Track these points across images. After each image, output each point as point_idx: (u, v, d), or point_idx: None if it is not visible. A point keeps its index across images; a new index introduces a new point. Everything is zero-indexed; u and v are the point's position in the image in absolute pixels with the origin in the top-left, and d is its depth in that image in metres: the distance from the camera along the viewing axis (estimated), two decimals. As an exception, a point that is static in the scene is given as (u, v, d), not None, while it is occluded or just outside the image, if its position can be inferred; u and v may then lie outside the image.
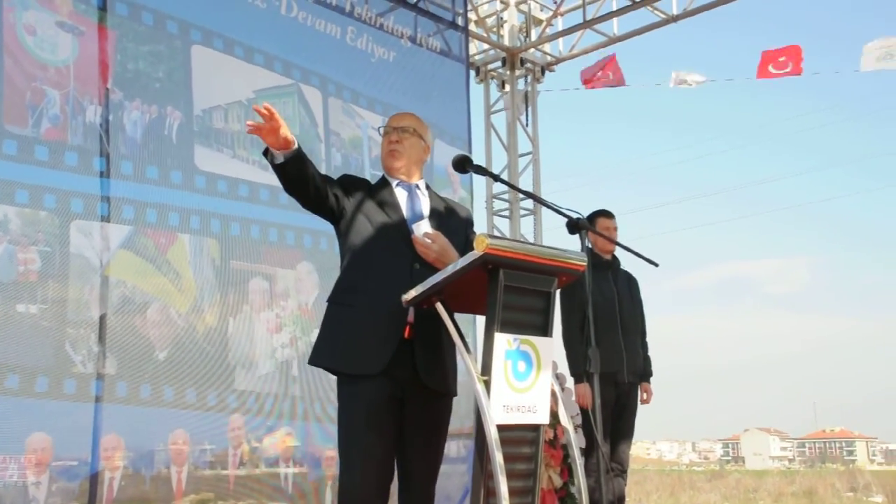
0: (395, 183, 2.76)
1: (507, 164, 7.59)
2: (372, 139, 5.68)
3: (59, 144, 4.10)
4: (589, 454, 4.53)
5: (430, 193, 2.81)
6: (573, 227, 2.78)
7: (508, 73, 7.64)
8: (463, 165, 2.80)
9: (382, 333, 2.50)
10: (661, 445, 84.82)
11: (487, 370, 2.25)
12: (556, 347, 2.76)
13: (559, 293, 2.55)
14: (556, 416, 2.72)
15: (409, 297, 2.38)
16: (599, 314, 4.21)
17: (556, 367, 4.55)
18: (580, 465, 2.65)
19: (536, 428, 2.42)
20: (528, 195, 3.68)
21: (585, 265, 2.52)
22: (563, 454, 5.54)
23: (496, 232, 7.34)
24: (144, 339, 4.29)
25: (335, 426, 2.57)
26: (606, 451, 4.47)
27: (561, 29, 7.63)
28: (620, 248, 3.22)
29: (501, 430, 2.21)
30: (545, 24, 7.62)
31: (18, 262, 3.89)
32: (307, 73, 5.44)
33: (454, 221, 2.78)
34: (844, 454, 73.15)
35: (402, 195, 2.73)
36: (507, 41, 7.59)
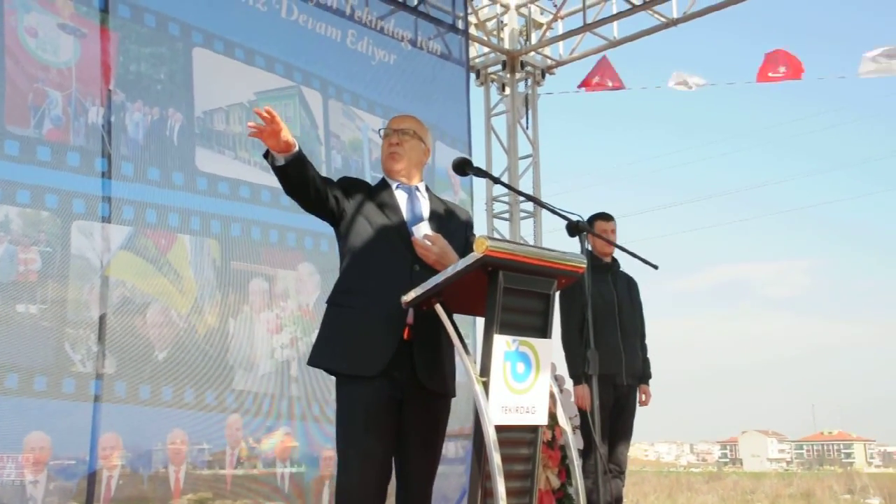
0: (395, 185, 2.76)
1: (507, 166, 7.60)
2: (372, 141, 5.69)
3: (60, 145, 4.11)
4: (587, 455, 4.54)
5: (430, 196, 2.81)
6: (573, 229, 2.78)
7: (509, 76, 7.65)
8: (463, 168, 2.80)
9: (382, 335, 2.51)
10: (659, 447, 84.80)
11: (486, 371, 2.26)
12: (555, 349, 2.77)
13: (559, 295, 2.56)
14: (554, 417, 2.73)
15: (408, 298, 2.38)
16: (599, 316, 4.21)
17: (554, 368, 4.57)
18: (578, 466, 2.66)
19: (535, 429, 2.42)
20: (528, 197, 3.68)
21: (585, 267, 2.53)
22: (561, 455, 5.55)
23: (496, 234, 7.35)
24: (144, 339, 4.30)
25: (333, 426, 2.58)
26: (604, 452, 4.48)
27: (561, 32, 7.65)
28: (620, 250, 3.23)
29: (500, 430, 2.21)
30: (545, 27, 7.64)
31: (19, 262, 3.90)
32: (308, 75, 5.45)
33: (454, 224, 2.78)
34: (842, 456, 73.16)
35: (402, 197, 2.73)
36: (507, 44, 7.60)
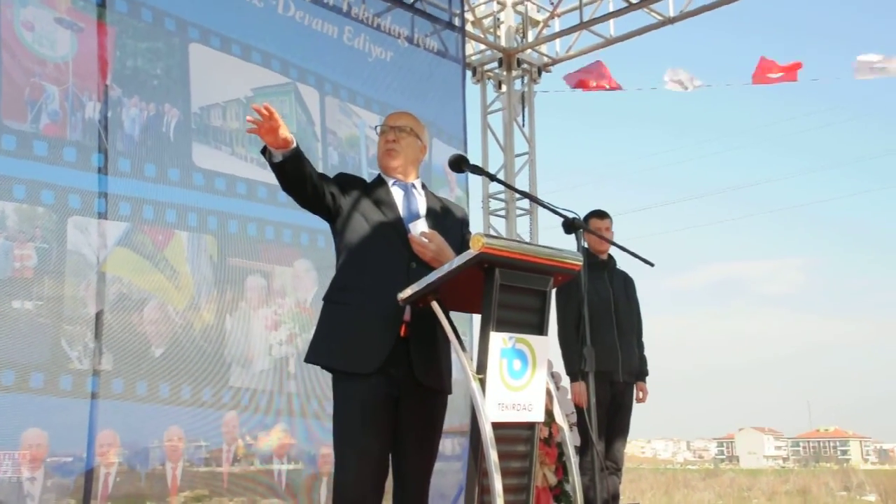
0: (391, 182, 2.76)
1: (503, 163, 7.59)
2: (369, 138, 5.68)
3: (57, 140, 4.10)
4: (584, 452, 4.54)
5: (426, 193, 2.81)
6: (569, 226, 2.79)
7: (505, 73, 7.65)
8: (459, 165, 2.79)
9: (378, 332, 2.51)
10: (655, 444, 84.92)
11: (483, 368, 2.26)
12: (551, 346, 2.78)
13: (555, 292, 2.56)
14: (551, 414, 2.74)
15: (405, 295, 2.38)
16: (595, 313, 4.21)
17: (551, 365, 4.57)
18: (575, 463, 2.67)
19: (531, 426, 2.42)
20: (524, 195, 3.69)
21: (581, 265, 2.53)
22: (557, 452, 5.56)
23: (492, 231, 7.35)
24: (141, 335, 4.29)
25: (330, 423, 2.58)
26: (601, 449, 4.49)
27: (558, 30, 7.63)
28: (616, 247, 3.24)
29: (496, 427, 2.21)
30: (542, 25, 7.63)
31: (15, 258, 3.89)
32: (304, 72, 5.45)
33: (450, 221, 2.78)
34: (838, 453, 73.26)
35: (398, 194, 2.73)
36: (503, 42, 7.59)
